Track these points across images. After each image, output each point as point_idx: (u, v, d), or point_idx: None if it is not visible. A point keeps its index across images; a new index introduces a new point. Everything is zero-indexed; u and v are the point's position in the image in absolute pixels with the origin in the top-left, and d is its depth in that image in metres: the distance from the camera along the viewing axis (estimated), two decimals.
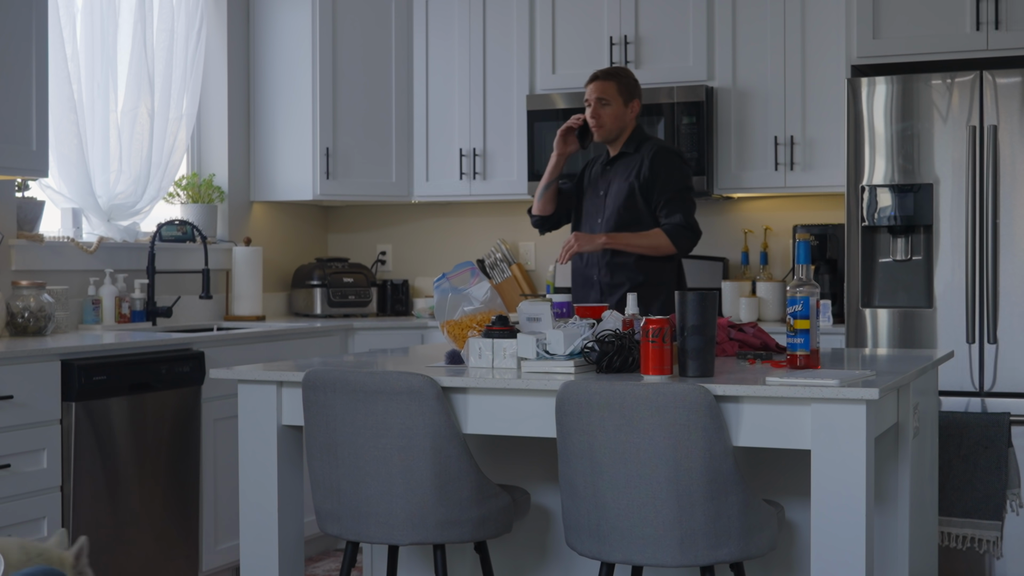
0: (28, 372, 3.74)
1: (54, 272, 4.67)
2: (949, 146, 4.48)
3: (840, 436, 2.52)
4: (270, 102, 5.73)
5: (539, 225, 4.40)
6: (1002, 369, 4.41)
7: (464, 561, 3.52)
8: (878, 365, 3.13)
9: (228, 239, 5.63)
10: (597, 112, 4.15)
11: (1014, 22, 4.50)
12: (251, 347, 4.72)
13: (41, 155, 4.15)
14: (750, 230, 5.48)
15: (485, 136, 5.61)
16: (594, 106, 4.16)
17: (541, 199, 4.32)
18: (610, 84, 4.16)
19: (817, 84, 5.06)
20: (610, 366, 2.83)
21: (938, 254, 4.51)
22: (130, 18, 5.08)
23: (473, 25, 5.62)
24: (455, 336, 3.25)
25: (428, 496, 2.76)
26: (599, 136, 4.18)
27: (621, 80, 4.18)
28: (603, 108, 4.16)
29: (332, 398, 2.82)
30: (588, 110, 4.17)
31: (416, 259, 6.15)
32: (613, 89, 4.16)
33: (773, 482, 3.17)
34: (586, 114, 4.18)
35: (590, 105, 4.17)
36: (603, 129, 4.17)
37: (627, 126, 4.21)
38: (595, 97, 4.16)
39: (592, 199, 4.26)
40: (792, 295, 2.84)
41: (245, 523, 3.04)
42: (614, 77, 4.18)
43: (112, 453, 4.02)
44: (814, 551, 2.57)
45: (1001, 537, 4.20)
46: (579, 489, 2.65)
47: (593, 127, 4.17)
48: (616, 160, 4.22)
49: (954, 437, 4.21)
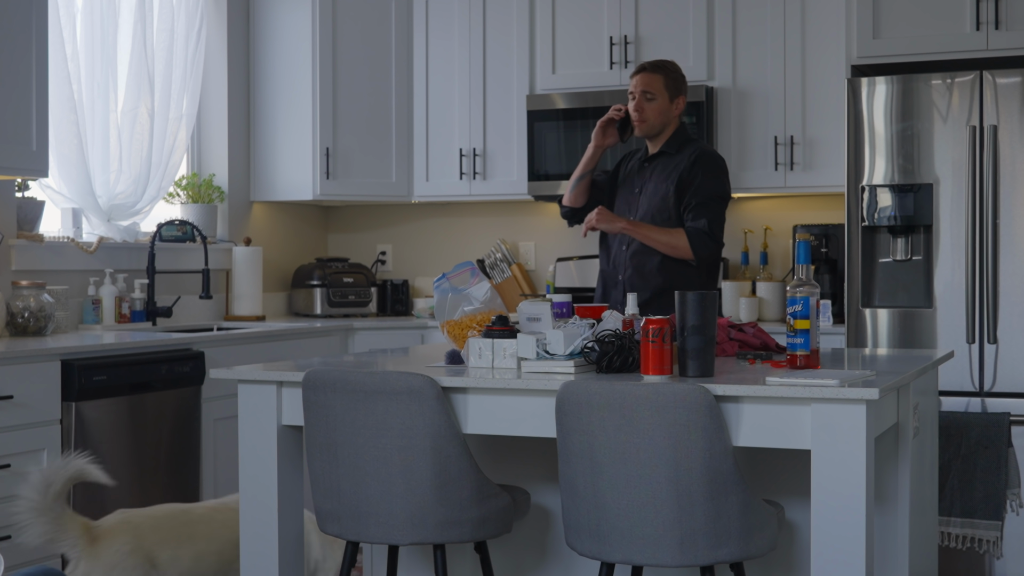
0: (28, 372, 3.74)
1: (54, 272, 4.67)
2: (949, 146, 4.48)
3: (840, 436, 2.52)
4: (270, 102, 5.73)
5: (569, 216, 4.20)
6: (1002, 369, 4.41)
7: (464, 561, 3.52)
8: (878, 365, 3.13)
9: (228, 239, 5.63)
10: (641, 105, 3.94)
11: (1014, 22, 4.50)
12: (251, 347, 4.72)
13: (41, 155, 4.15)
14: (750, 230, 5.48)
15: (485, 136, 5.61)
16: (639, 99, 3.95)
17: (574, 190, 4.11)
18: (657, 77, 3.95)
19: (817, 84, 5.06)
20: (610, 366, 2.83)
21: (938, 254, 4.51)
22: (130, 18, 5.08)
23: (473, 25, 5.62)
24: (455, 336, 3.25)
25: (428, 496, 2.76)
26: (640, 131, 3.98)
27: (669, 74, 3.97)
28: (648, 102, 3.94)
29: (332, 398, 2.81)
30: (631, 103, 3.97)
31: (416, 259, 6.15)
32: (660, 83, 3.94)
33: (773, 482, 3.17)
34: (629, 106, 3.99)
35: (634, 98, 3.96)
36: (646, 124, 3.96)
37: (670, 123, 3.99)
38: (640, 90, 3.94)
39: (626, 195, 4.07)
40: (792, 295, 2.84)
41: (245, 523, 3.04)
42: (662, 70, 3.97)
43: (112, 453, 4.02)
44: (814, 551, 2.57)
45: (1001, 537, 4.20)
46: (579, 489, 2.65)
47: (636, 121, 3.96)
48: (656, 158, 4.02)
49: (954, 437, 4.21)
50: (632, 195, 4.05)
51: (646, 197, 4.00)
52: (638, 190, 4.04)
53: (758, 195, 5.31)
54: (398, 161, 5.74)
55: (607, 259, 4.09)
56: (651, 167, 4.04)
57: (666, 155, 4.01)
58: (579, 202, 4.13)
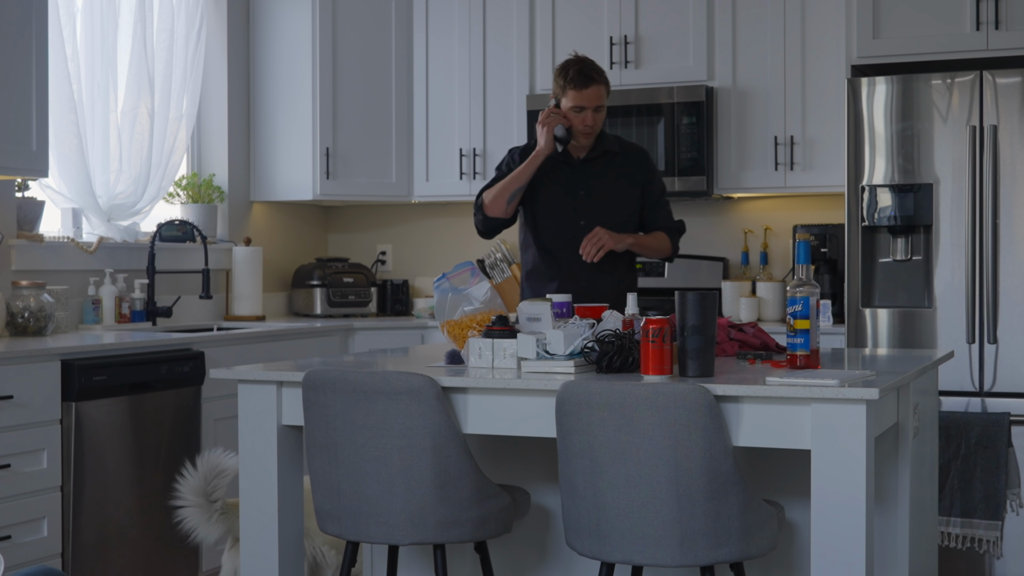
0: (28, 372, 3.74)
1: (54, 272, 4.67)
2: (949, 146, 4.48)
3: (840, 436, 2.52)
4: (270, 102, 5.73)
5: (492, 229, 4.02)
6: (1002, 369, 4.41)
7: (464, 561, 3.52)
8: (878, 365, 3.13)
9: (228, 239, 5.63)
10: (595, 120, 3.87)
11: (1014, 22, 4.50)
12: (251, 347, 4.72)
13: (41, 155, 4.15)
14: (750, 230, 5.48)
15: (485, 136, 5.61)
16: (591, 114, 3.85)
17: (512, 201, 3.93)
18: (603, 89, 3.86)
19: (817, 84, 5.06)
20: (610, 366, 2.83)
21: (938, 254, 4.51)
22: (130, 18, 5.08)
23: (473, 25, 5.62)
24: (455, 336, 3.25)
25: (428, 496, 2.76)
26: (587, 141, 3.90)
27: (607, 83, 3.91)
28: (596, 113, 3.86)
29: (332, 398, 2.82)
30: (578, 116, 3.84)
31: (416, 259, 6.15)
32: (604, 93, 3.88)
33: (773, 482, 3.17)
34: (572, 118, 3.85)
35: (583, 110, 3.84)
36: (592, 136, 3.90)
37: None
38: (594, 105, 3.85)
39: (558, 197, 3.95)
40: (792, 295, 2.84)
41: (245, 523, 3.04)
42: (604, 81, 3.88)
43: (112, 453, 4.02)
44: (814, 551, 2.57)
45: (1001, 537, 4.20)
46: (579, 489, 2.65)
47: (586, 136, 3.89)
48: (594, 161, 3.95)
49: (954, 437, 4.21)
50: (574, 198, 3.95)
51: (603, 198, 3.93)
52: (582, 192, 3.95)
53: (758, 195, 5.31)
54: (398, 161, 5.74)
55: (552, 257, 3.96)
56: (590, 168, 3.95)
57: (609, 154, 3.96)
58: (511, 212, 3.97)
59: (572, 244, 3.90)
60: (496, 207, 3.96)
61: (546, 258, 4.00)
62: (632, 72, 5.31)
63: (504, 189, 3.93)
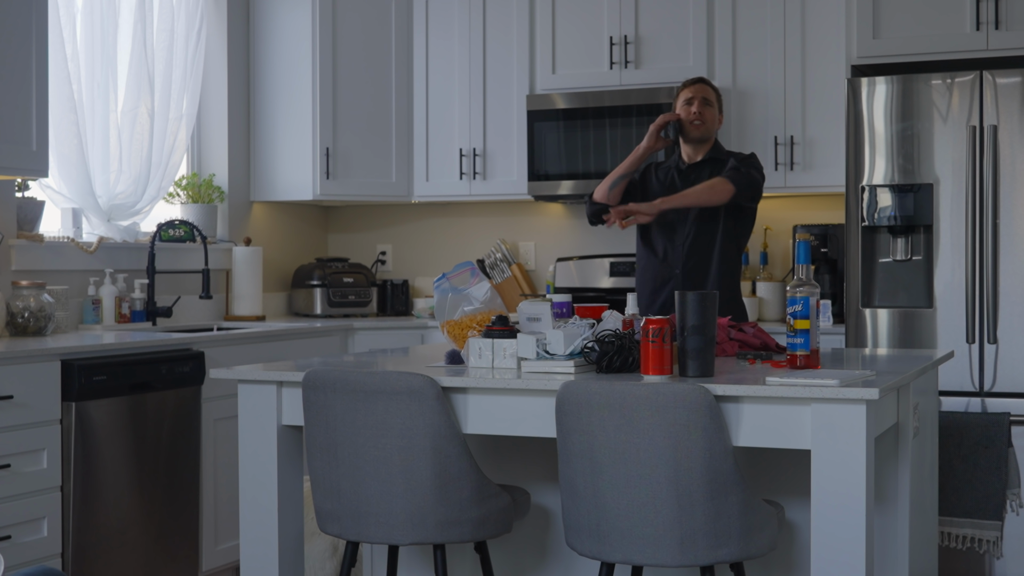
0: (28, 372, 3.74)
1: (54, 272, 4.67)
2: (949, 146, 4.48)
3: (840, 436, 2.52)
4: (270, 102, 5.73)
5: (599, 214, 4.21)
6: (1002, 369, 4.41)
7: (464, 561, 3.52)
8: (878, 365, 3.13)
9: (228, 239, 5.63)
10: (702, 110, 4.11)
11: (1014, 22, 4.50)
12: (251, 347, 4.72)
13: (41, 155, 4.15)
14: None
15: (485, 136, 5.61)
16: (699, 104, 4.12)
17: (613, 188, 4.17)
18: (711, 90, 4.17)
19: (817, 84, 5.06)
20: (610, 366, 2.83)
21: (938, 254, 4.51)
22: (130, 18, 5.08)
23: (473, 25, 5.62)
24: (455, 336, 3.25)
25: (428, 496, 2.76)
26: (698, 132, 4.12)
27: (717, 91, 4.21)
28: (706, 107, 4.13)
29: (332, 398, 2.82)
30: (687, 108, 4.12)
31: (416, 259, 6.15)
32: (713, 95, 4.17)
33: (773, 482, 3.17)
34: (681, 111, 4.13)
35: (692, 104, 4.12)
36: (703, 127, 4.12)
37: (713, 135, 4.18)
38: (701, 97, 4.13)
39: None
40: (792, 295, 2.84)
41: (245, 523, 3.04)
42: (712, 86, 4.21)
43: (112, 453, 4.02)
44: (814, 551, 2.57)
45: (1001, 537, 4.20)
46: (579, 489, 2.65)
47: (696, 124, 4.11)
48: (702, 165, 4.15)
49: (954, 437, 4.21)
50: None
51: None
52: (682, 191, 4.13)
53: None
54: (398, 161, 5.74)
55: (656, 256, 4.18)
56: (696, 175, 4.15)
57: (714, 161, 4.15)
58: (615, 200, 4.19)
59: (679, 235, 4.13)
60: (600, 192, 4.22)
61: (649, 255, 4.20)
62: (632, 72, 5.31)
63: (608, 177, 4.21)
